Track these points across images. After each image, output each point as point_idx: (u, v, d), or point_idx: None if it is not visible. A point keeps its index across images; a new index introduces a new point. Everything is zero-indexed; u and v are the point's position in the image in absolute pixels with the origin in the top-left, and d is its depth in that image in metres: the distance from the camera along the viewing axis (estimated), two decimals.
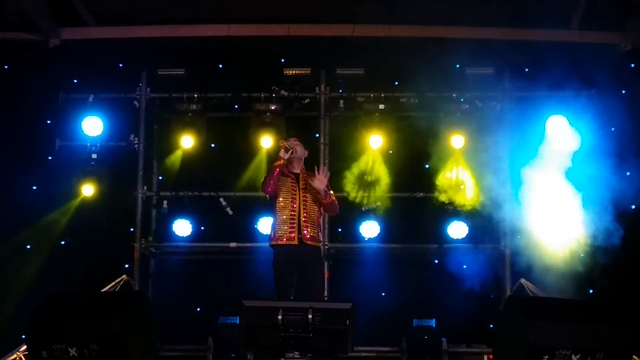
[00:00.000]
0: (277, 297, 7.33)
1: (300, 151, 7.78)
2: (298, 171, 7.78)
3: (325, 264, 9.53)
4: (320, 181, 7.56)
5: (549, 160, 9.39)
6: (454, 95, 9.68)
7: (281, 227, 7.58)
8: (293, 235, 7.56)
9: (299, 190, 7.67)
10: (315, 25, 10.25)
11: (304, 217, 7.60)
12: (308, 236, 7.58)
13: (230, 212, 9.76)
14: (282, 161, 7.63)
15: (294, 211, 7.61)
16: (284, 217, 7.59)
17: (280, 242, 7.56)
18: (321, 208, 7.74)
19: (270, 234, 7.69)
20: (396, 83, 10.02)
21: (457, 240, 9.60)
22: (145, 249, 9.81)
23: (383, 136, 9.68)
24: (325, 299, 9.11)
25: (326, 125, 9.92)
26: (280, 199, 7.64)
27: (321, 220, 7.84)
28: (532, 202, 9.39)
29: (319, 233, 7.75)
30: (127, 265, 9.72)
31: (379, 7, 10.28)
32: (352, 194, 9.65)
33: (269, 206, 9.53)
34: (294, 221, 7.59)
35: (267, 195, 7.76)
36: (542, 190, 9.29)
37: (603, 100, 9.50)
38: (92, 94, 9.85)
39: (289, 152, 7.64)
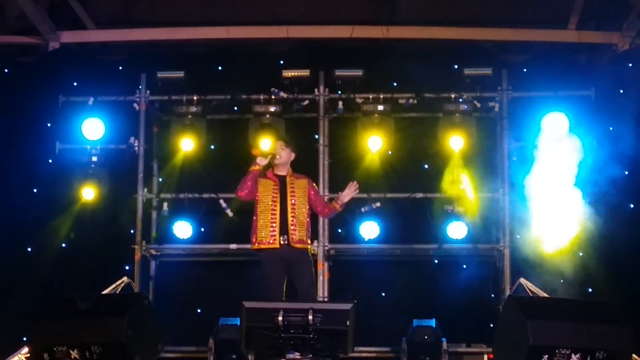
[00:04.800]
0: (268, 299, 7.33)
1: (286, 155, 7.79)
2: (284, 173, 7.78)
3: (326, 264, 9.56)
4: (348, 196, 7.70)
5: (547, 160, 9.40)
6: (453, 96, 9.69)
7: (261, 231, 7.59)
8: (274, 239, 7.57)
9: (286, 194, 7.68)
10: (314, 26, 10.28)
11: (292, 220, 7.61)
12: (296, 239, 7.59)
13: (231, 214, 9.77)
14: (258, 167, 7.65)
15: (274, 215, 7.61)
16: (263, 221, 7.59)
17: (262, 246, 7.59)
18: (310, 209, 7.78)
19: (251, 238, 7.70)
20: (394, 84, 10.03)
21: (457, 241, 9.60)
22: (145, 251, 9.82)
23: (382, 137, 9.70)
24: (325, 299, 9.15)
25: (325, 127, 9.94)
26: (260, 202, 7.65)
27: (309, 220, 7.84)
28: (531, 201, 9.42)
29: (307, 235, 7.75)
30: (127, 268, 9.74)
31: (377, 8, 10.33)
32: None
33: None
34: (274, 225, 7.58)
35: (241, 199, 7.78)
36: (541, 189, 9.30)
37: (601, 100, 9.53)
38: (92, 97, 9.85)
39: (268, 159, 7.66)
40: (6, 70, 10.53)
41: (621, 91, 9.85)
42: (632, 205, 9.60)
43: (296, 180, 7.78)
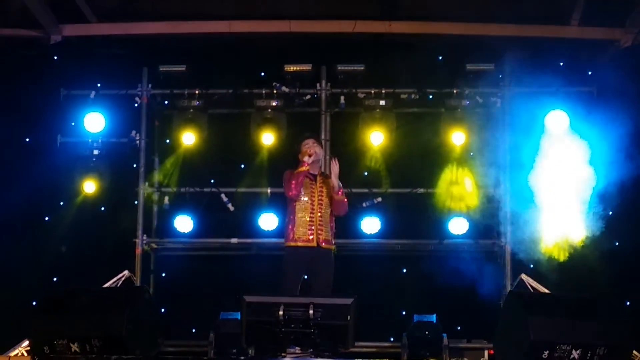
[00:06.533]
0: (282, 294, 7.35)
1: (320, 152, 7.92)
2: (316, 172, 7.87)
3: None
4: (335, 174, 7.71)
5: (549, 156, 9.39)
6: (455, 91, 9.69)
7: (299, 229, 7.64)
8: (312, 237, 7.63)
9: (315, 193, 7.73)
10: (316, 21, 10.27)
11: (320, 219, 7.68)
12: (322, 239, 7.67)
13: (232, 208, 9.77)
14: (307, 167, 7.72)
15: (313, 213, 7.68)
16: (305, 218, 7.66)
17: (299, 244, 7.61)
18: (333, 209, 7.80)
19: (287, 234, 7.74)
20: (396, 80, 10.02)
21: (458, 236, 9.61)
22: (146, 245, 9.82)
23: (384, 132, 9.69)
24: None
25: (327, 122, 9.93)
26: (302, 200, 7.70)
27: (333, 224, 7.89)
28: (532, 197, 9.40)
29: (332, 236, 7.81)
30: (128, 261, 9.73)
31: (379, 3, 10.32)
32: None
33: (270, 202, 9.63)
34: (312, 223, 7.66)
35: (293, 198, 7.77)
36: (543, 185, 9.29)
37: (603, 96, 9.51)
38: (94, 91, 9.86)
39: (312, 157, 7.74)
40: (8, 63, 10.51)
41: (623, 87, 9.81)
42: (633, 203, 9.56)
43: (324, 180, 7.87)
